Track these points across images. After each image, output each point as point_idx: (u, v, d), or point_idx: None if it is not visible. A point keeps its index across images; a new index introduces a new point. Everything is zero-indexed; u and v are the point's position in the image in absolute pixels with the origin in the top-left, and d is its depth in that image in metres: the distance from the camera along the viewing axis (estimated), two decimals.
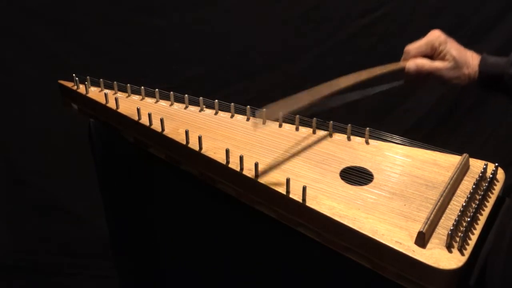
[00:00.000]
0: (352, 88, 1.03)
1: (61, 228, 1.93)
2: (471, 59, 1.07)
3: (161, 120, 1.06)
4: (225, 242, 1.10)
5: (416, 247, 0.80)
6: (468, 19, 1.69)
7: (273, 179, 0.94)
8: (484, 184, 0.93)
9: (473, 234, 0.83)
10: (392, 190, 0.92)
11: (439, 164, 0.98)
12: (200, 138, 1.01)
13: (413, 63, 1.05)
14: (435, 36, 1.07)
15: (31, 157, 1.86)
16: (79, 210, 1.91)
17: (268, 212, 0.94)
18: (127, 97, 1.20)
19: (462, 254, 0.79)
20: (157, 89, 1.19)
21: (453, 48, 1.06)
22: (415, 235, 0.80)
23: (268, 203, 0.94)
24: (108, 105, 1.14)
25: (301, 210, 0.89)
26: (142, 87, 1.19)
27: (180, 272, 1.26)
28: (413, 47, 1.07)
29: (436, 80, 1.08)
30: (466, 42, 1.70)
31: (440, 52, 1.06)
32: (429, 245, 0.80)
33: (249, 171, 0.95)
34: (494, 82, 1.06)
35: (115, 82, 1.20)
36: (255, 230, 1.02)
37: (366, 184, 0.94)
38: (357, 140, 1.06)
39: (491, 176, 0.94)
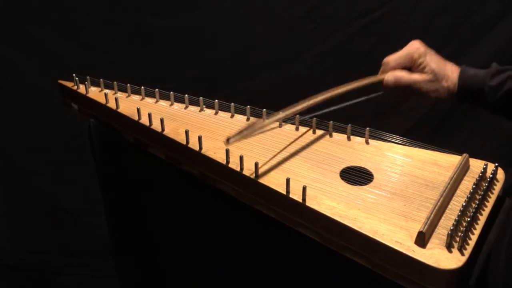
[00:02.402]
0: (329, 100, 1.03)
1: (61, 228, 1.93)
2: (450, 72, 1.05)
3: (161, 120, 1.06)
4: (225, 242, 1.10)
5: (416, 247, 0.80)
6: (468, 19, 1.69)
7: (273, 179, 0.94)
8: (484, 184, 0.93)
9: (473, 234, 0.83)
10: (392, 190, 0.92)
11: (439, 164, 0.98)
12: (200, 138, 1.01)
13: (392, 76, 1.04)
14: (415, 47, 1.05)
15: (31, 157, 1.86)
16: (79, 210, 1.91)
17: (268, 212, 0.94)
18: (127, 97, 1.20)
19: (462, 254, 0.79)
20: (157, 89, 1.19)
21: (433, 61, 1.04)
22: (415, 235, 0.80)
23: (268, 203, 0.94)
24: (108, 105, 1.14)
25: (301, 210, 0.89)
26: (142, 87, 1.19)
27: (180, 272, 1.26)
28: (392, 58, 1.06)
29: (415, 92, 1.07)
30: (466, 42, 1.71)
31: (419, 64, 1.04)
32: (429, 245, 0.80)
33: (249, 171, 0.95)
34: (474, 95, 1.05)
35: (115, 82, 1.20)
36: (255, 230, 1.02)
37: (366, 184, 0.94)
38: (357, 140, 1.06)
39: (491, 176, 0.94)
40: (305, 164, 0.99)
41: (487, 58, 1.71)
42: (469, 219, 0.83)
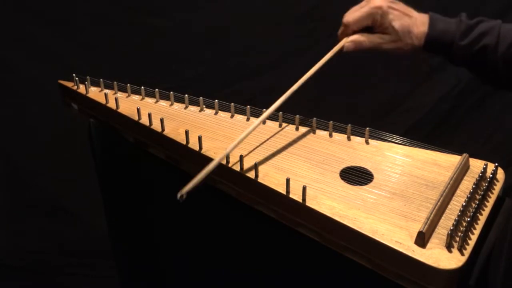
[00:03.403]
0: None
1: (61, 228, 1.93)
2: (416, 27, 1.00)
3: (161, 120, 1.06)
4: (225, 242, 1.10)
5: (416, 247, 0.80)
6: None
7: (273, 179, 0.94)
8: (484, 184, 0.93)
9: (473, 234, 0.83)
10: (392, 190, 0.92)
11: (439, 164, 0.98)
12: (200, 138, 1.01)
13: (352, 43, 1.01)
14: (376, 6, 0.99)
15: (31, 157, 1.87)
16: (79, 210, 1.91)
17: (268, 212, 0.94)
18: (127, 97, 1.20)
19: (462, 254, 0.79)
20: (157, 89, 1.19)
21: (396, 19, 0.99)
22: (415, 235, 0.80)
23: (268, 203, 0.94)
24: (108, 105, 1.14)
25: (301, 210, 0.89)
26: (142, 87, 1.19)
27: (180, 272, 1.26)
28: (353, 20, 1.01)
29: (378, 51, 1.03)
30: None
31: (381, 24, 1.00)
32: (429, 245, 0.80)
33: (249, 171, 0.95)
34: (441, 50, 1.00)
35: (115, 82, 1.20)
36: (255, 230, 1.02)
37: (366, 184, 0.94)
38: (357, 140, 1.06)
39: (491, 176, 0.94)
40: (305, 164, 0.99)
41: None
42: (469, 219, 0.83)
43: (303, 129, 1.10)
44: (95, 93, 1.19)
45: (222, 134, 1.07)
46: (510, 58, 0.96)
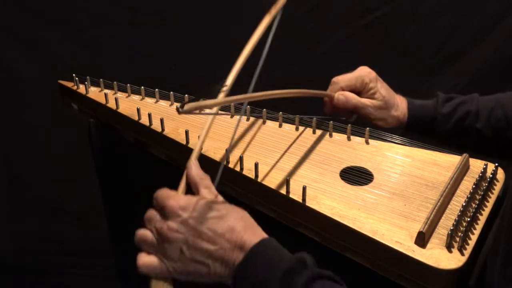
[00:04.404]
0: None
1: (61, 228, 1.92)
2: (399, 102, 1.04)
3: (161, 120, 1.06)
4: None
5: (416, 247, 0.80)
6: (468, 19, 1.69)
7: (273, 179, 0.94)
8: (484, 184, 0.93)
9: (473, 234, 0.83)
10: (392, 190, 0.92)
11: (439, 164, 0.98)
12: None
13: (343, 96, 1.02)
14: (366, 72, 1.03)
15: (31, 157, 1.86)
16: (79, 210, 1.91)
17: (268, 212, 0.94)
18: (127, 97, 1.20)
19: (462, 254, 0.79)
20: (157, 89, 1.19)
21: (383, 88, 1.03)
22: (415, 235, 0.80)
23: (268, 203, 0.94)
24: (108, 105, 1.14)
25: (301, 210, 0.89)
26: (142, 87, 1.19)
27: None
28: (342, 79, 1.04)
29: (361, 118, 1.05)
30: (466, 42, 1.71)
31: (369, 89, 1.02)
32: (429, 245, 0.80)
33: (249, 171, 0.95)
34: (424, 125, 1.04)
35: (115, 82, 1.20)
36: None
37: (366, 184, 0.94)
38: (357, 140, 1.06)
39: (491, 176, 0.94)
40: (305, 164, 0.99)
41: (487, 58, 1.71)
42: (469, 219, 0.83)
43: (303, 129, 1.10)
44: (95, 93, 1.19)
45: (222, 134, 1.07)
46: (494, 125, 1.00)
